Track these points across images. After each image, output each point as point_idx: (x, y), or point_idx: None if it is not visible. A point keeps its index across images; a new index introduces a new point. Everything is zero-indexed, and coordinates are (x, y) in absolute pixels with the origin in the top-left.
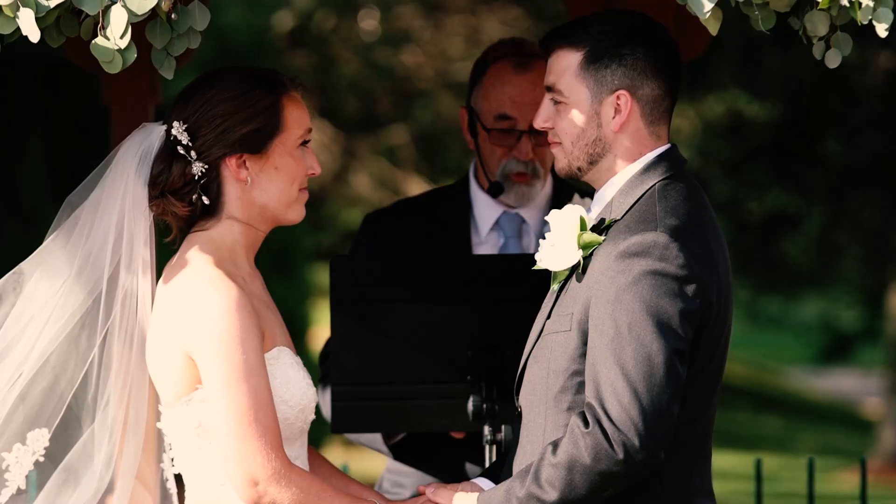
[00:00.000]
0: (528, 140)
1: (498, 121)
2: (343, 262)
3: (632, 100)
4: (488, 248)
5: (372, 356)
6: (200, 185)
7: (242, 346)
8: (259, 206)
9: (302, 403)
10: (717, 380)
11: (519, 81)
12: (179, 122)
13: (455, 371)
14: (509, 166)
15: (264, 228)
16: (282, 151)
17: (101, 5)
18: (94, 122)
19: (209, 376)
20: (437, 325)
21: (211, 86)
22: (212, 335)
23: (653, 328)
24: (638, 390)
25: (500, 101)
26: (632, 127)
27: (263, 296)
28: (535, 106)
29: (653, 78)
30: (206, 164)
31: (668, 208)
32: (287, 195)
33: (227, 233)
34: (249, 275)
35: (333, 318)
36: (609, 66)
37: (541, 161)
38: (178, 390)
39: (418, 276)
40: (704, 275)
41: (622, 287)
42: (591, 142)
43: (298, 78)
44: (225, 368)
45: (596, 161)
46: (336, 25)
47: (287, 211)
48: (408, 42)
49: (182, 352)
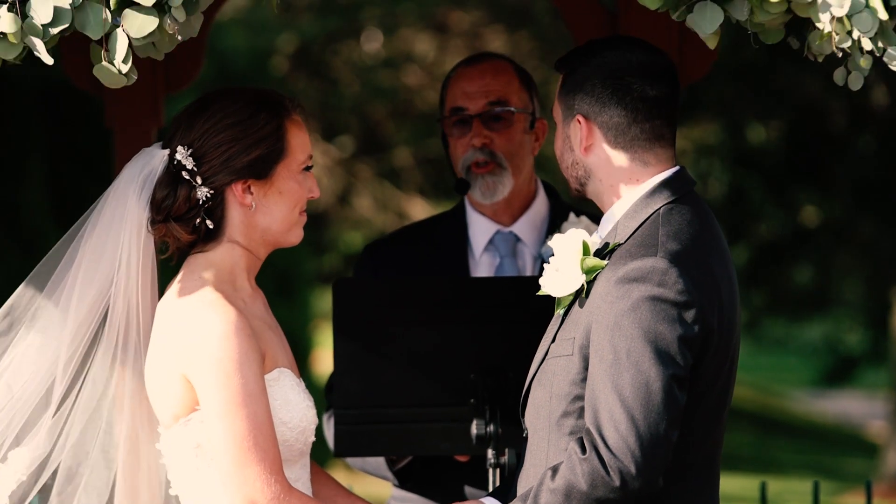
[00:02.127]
0: (480, 124)
1: (453, 115)
2: (346, 285)
3: (589, 125)
4: (484, 268)
5: (375, 379)
6: (204, 210)
7: (241, 370)
8: (261, 230)
9: (302, 426)
10: (724, 404)
11: (468, 73)
12: (184, 147)
13: (458, 394)
14: (467, 158)
15: (264, 251)
16: (286, 176)
17: (105, 30)
18: (97, 145)
19: (207, 401)
20: (441, 348)
21: (215, 110)
22: (210, 360)
23: (651, 354)
24: (635, 417)
25: (454, 96)
26: (602, 153)
27: (265, 316)
28: (484, 94)
29: (612, 105)
30: (211, 189)
31: (671, 232)
32: (289, 219)
33: (228, 255)
34: (250, 295)
35: (336, 341)
36: (576, 93)
37: (502, 151)
38: (177, 411)
39: (422, 299)
40: (705, 300)
41: (621, 313)
42: (570, 164)
43: (297, 99)
44: (223, 394)
45: (584, 183)
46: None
47: (288, 234)
48: (411, 64)
49: (180, 375)
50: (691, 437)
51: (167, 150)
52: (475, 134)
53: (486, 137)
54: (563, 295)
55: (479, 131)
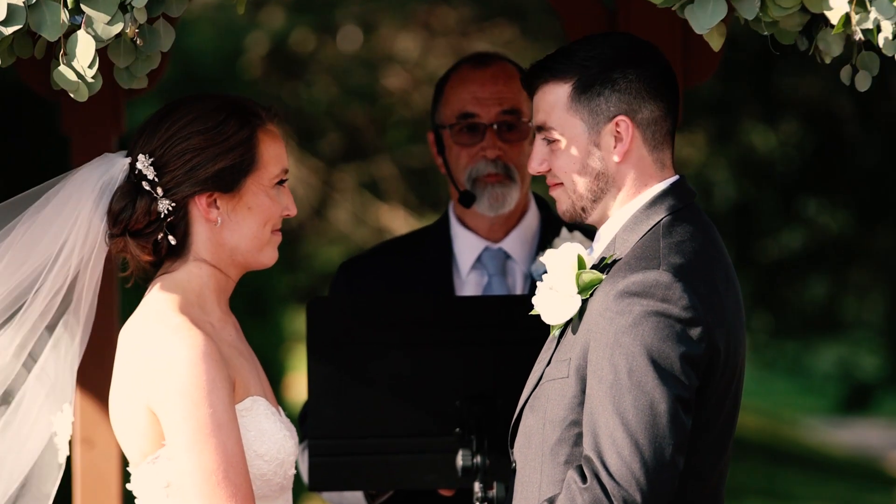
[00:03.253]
0: (494, 135)
1: (461, 120)
2: (321, 305)
3: (632, 125)
4: (471, 287)
5: (352, 406)
6: (167, 224)
7: (209, 399)
8: (229, 248)
9: (279, 457)
10: (730, 431)
11: (478, 77)
12: (145, 156)
13: (443, 422)
14: (477, 169)
15: (235, 272)
16: (256, 190)
17: (62, 30)
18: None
19: (174, 433)
20: (424, 372)
21: (180, 116)
22: (175, 388)
23: (654, 374)
24: (639, 441)
25: (461, 100)
26: (635, 155)
27: (237, 342)
28: (498, 101)
29: (650, 99)
30: (173, 201)
31: (673, 245)
32: (259, 237)
33: (195, 275)
34: (220, 319)
35: (310, 365)
36: (602, 94)
37: (514, 163)
38: (144, 448)
39: (402, 319)
40: (711, 318)
41: (621, 329)
42: (593, 177)
43: (275, 107)
44: (190, 425)
45: (600, 198)
46: (314, 48)
47: (259, 254)
48: (392, 65)
49: (145, 407)
50: (695, 468)
51: (129, 159)
52: (489, 145)
53: (500, 149)
54: (560, 322)
55: (494, 142)
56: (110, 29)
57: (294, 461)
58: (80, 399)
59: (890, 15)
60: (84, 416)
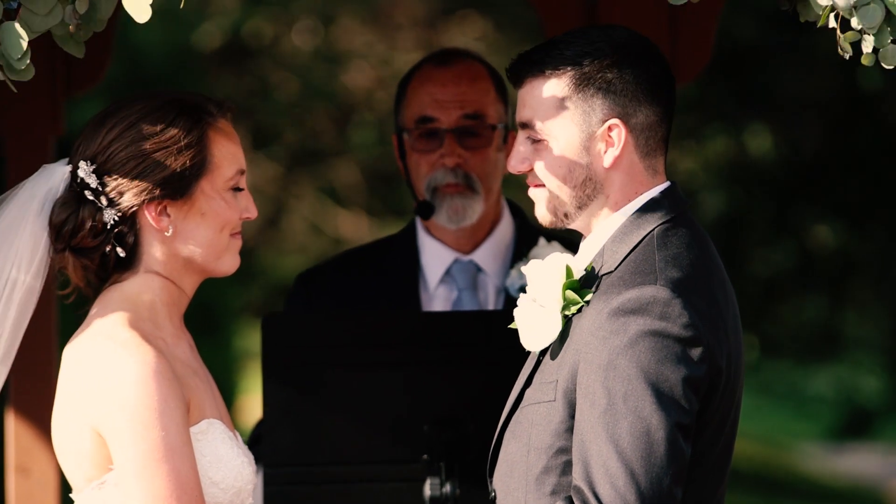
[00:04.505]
0: (454, 141)
1: (419, 125)
2: (276, 321)
3: (625, 129)
4: (439, 303)
5: (311, 431)
6: (114, 236)
7: (160, 420)
8: (183, 259)
9: (236, 486)
10: (727, 459)
11: (440, 76)
12: (86, 162)
13: (409, 449)
14: (436, 178)
15: (190, 284)
16: (209, 194)
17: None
18: None
19: (122, 457)
20: (388, 394)
21: (122, 117)
22: (124, 409)
23: (652, 399)
24: (635, 471)
25: (421, 102)
26: (626, 161)
27: (191, 361)
28: (459, 104)
29: (646, 102)
30: (119, 211)
31: (669, 258)
32: (216, 244)
33: (146, 288)
34: (174, 335)
35: (266, 386)
36: (596, 94)
37: (477, 173)
38: (90, 472)
39: (365, 337)
40: (712, 336)
41: (616, 350)
42: (580, 183)
43: (228, 101)
44: (140, 448)
45: (585, 205)
46: (270, 41)
47: (218, 262)
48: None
49: (90, 429)
50: (691, 498)
51: (70, 167)
52: (447, 152)
53: (460, 157)
54: (540, 348)
55: (453, 149)
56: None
57: (251, 490)
58: (14, 425)
59: (872, 24)
60: (19, 443)
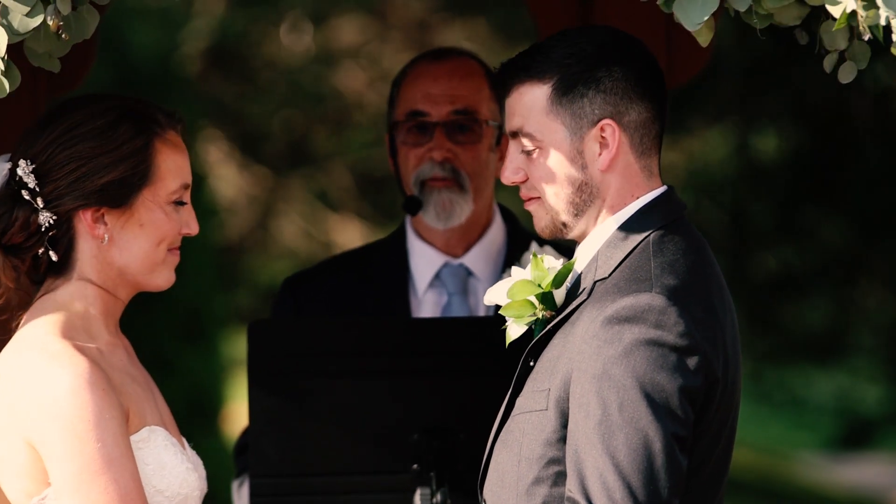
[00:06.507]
0: (443, 135)
1: (409, 119)
2: (263, 328)
3: (618, 129)
4: (428, 308)
5: (298, 440)
6: (48, 238)
7: (96, 431)
8: (117, 268)
9: (182, 492)
10: (725, 468)
11: (433, 72)
12: (26, 161)
13: (399, 458)
14: (423, 172)
15: (124, 294)
16: (150, 206)
17: None
18: None
19: (59, 473)
20: (377, 402)
21: (67, 118)
22: (57, 422)
23: (648, 409)
24: (631, 484)
25: (412, 97)
26: (621, 163)
27: (129, 368)
28: (450, 99)
29: (637, 99)
30: (55, 214)
31: (665, 264)
32: (151, 258)
33: (79, 296)
34: (109, 344)
35: (252, 394)
36: (585, 95)
37: (466, 169)
38: (28, 488)
39: (353, 344)
40: (709, 345)
41: (611, 359)
42: (575, 189)
43: (179, 112)
44: (77, 462)
45: (583, 211)
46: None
47: (151, 276)
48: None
49: (24, 443)
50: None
51: (10, 164)
52: (436, 146)
53: (450, 151)
54: (523, 328)
55: (442, 143)
56: (28, 21)
57: (200, 496)
58: None
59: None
60: None
